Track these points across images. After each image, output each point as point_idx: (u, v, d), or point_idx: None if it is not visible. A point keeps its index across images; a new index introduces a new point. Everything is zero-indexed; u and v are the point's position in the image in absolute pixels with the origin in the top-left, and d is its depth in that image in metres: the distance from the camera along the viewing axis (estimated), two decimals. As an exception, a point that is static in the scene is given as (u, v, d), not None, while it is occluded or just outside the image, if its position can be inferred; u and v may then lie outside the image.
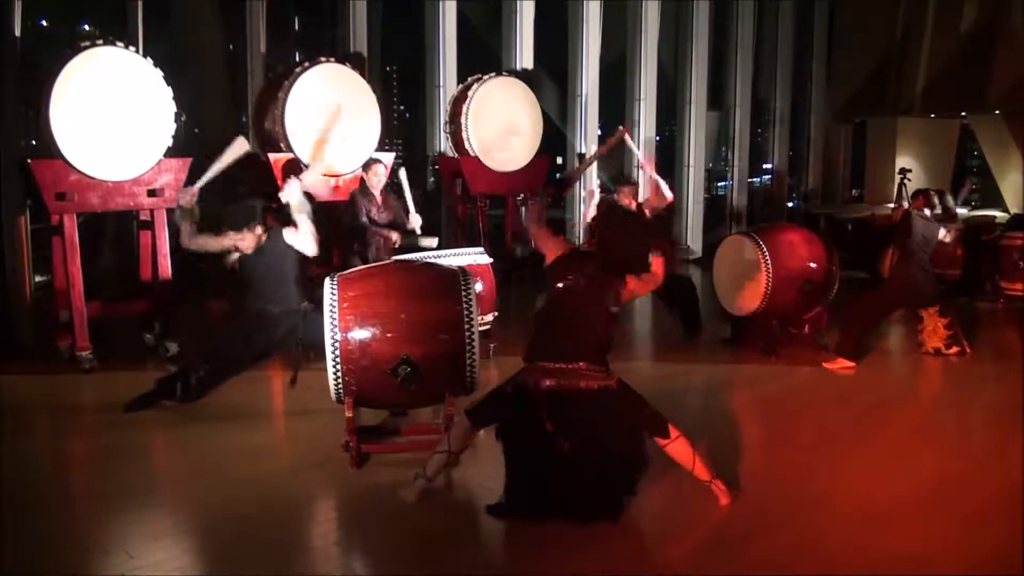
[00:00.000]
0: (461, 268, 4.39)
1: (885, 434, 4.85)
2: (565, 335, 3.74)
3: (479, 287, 5.46)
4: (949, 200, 6.60)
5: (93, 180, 5.97)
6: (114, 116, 5.95)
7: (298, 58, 8.91)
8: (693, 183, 11.82)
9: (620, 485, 3.68)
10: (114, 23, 8.26)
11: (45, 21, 10.00)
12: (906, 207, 6.43)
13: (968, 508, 3.82)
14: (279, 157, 7.25)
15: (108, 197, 6.09)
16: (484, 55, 10.72)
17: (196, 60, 8.86)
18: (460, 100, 8.64)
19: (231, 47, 9.08)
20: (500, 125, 8.64)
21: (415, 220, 6.76)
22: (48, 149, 5.87)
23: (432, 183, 9.93)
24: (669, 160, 12.08)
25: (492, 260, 6.34)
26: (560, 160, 11.18)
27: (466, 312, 4.11)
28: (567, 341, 3.72)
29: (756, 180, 14.28)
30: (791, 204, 14.39)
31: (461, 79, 9.24)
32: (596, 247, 3.93)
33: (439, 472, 3.84)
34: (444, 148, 9.22)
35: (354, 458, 4.19)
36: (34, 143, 6.62)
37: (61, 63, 5.75)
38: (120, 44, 6.05)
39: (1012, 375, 6.00)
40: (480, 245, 7.24)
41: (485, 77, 8.66)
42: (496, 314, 6.27)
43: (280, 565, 3.37)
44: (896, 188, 10.29)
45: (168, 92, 6.21)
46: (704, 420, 5.06)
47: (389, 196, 6.95)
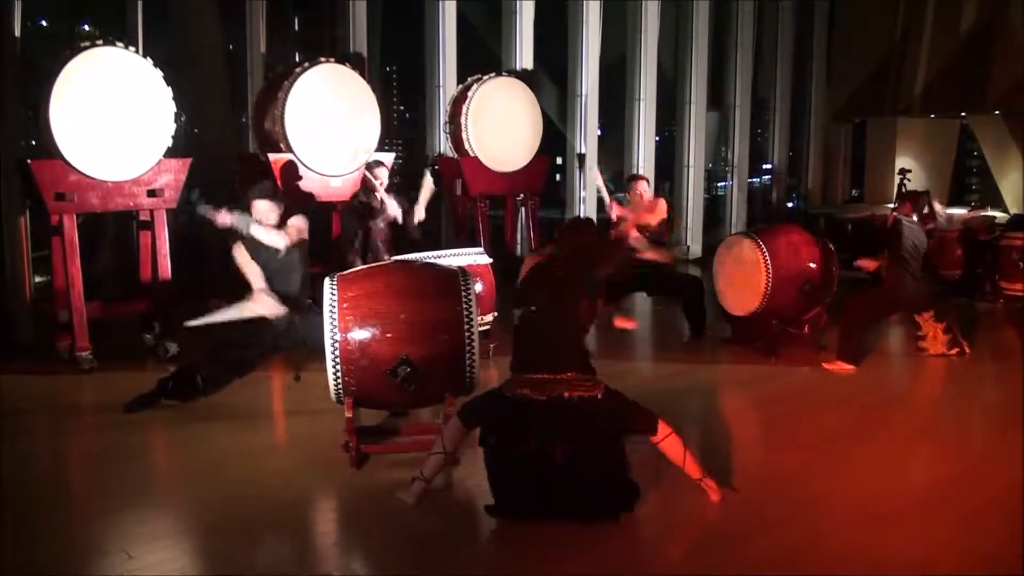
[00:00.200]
0: (461, 268, 4.39)
1: (885, 434, 4.85)
2: (549, 347, 3.73)
3: (479, 287, 5.45)
4: (935, 204, 6.54)
5: (93, 180, 5.97)
6: (114, 116, 5.96)
7: (298, 58, 8.90)
8: (693, 183, 11.83)
9: (615, 494, 3.67)
10: (114, 23, 8.26)
11: (45, 21, 10.01)
12: (895, 214, 6.38)
13: (968, 508, 3.82)
14: (279, 157, 7.25)
15: (108, 197, 6.09)
16: (484, 55, 10.72)
17: (196, 60, 8.86)
18: (460, 100, 8.63)
19: (231, 47, 9.08)
20: (500, 125, 8.63)
21: (419, 213, 6.76)
22: (48, 149, 5.88)
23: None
24: (669, 160, 12.09)
25: (492, 260, 6.35)
26: (560, 160, 11.18)
27: (466, 312, 4.11)
28: (552, 353, 3.71)
29: (756, 180, 14.28)
30: (791, 204, 14.40)
31: (461, 79, 9.23)
32: (561, 259, 3.95)
33: (437, 473, 3.84)
34: (444, 148, 9.22)
35: (354, 458, 4.19)
36: (34, 143, 6.63)
37: (61, 63, 5.75)
38: (120, 44, 6.05)
39: (1012, 375, 5.99)
40: (480, 245, 7.25)
41: (485, 77, 8.65)
42: (496, 314, 6.27)
43: (280, 565, 3.37)
44: (896, 188, 10.31)
45: (168, 92, 6.21)
46: (704, 420, 5.07)
47: (390, 197, 6.94)
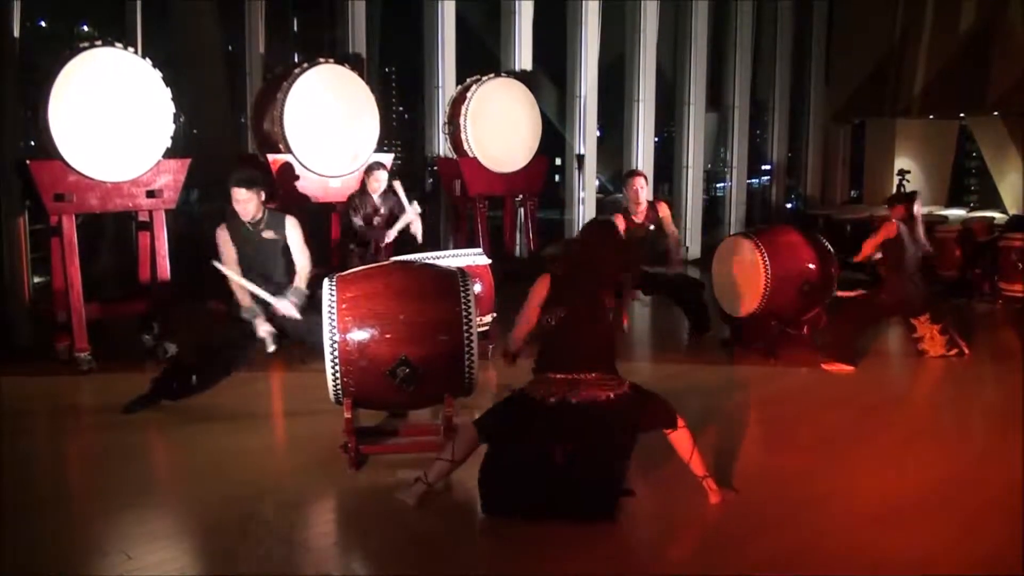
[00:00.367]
0: (460, 269, 4.38)
1: (885, 435, 4.85)
2: (578, 348, 3.76)
3: (478, 288, 5.45)
4: (916, 206, 6.49)
5: (92, 181, 5.96)
6: (113, 117, 5.95)
7: (297, 59, 8.90)
8: (692, 184, 11.83)
9: (620, 485, 3.69)
10: (113, 24, 8.26)
11: (44, 22, 10.00)
12: (893, 220, 6.33)
13: (968, 508, 3.82)
14: (277, 158, 7.25)
15: (107, 198, 6.08)
16: (483, 56, 10.72)
17: (195, 61, 8.86)
18: (459, 101, 8.63)
19: (230, 48, 9.08)
20: (499, 126, 8.63)
21: (412, 211, 6.77)
22: (47, 150, 5.87)
23: (431, 184, 9.93)
24: (668, 161, 12.09)
25: (491, 261, 6.35)
26: (559, 161, 11.19)
27: (465, 313, 4.10)
28: (580, 354, 3.75)
29: (755, 181, 14.28)
30: (790, 205, 14.40)
31: (460, 80, 9.23)
32: (581, 265, 3.97)
33: (441, 478, 3.84)
34: (443, 149, 9.22)
35: (353, 459, 4.19)
36: (33, 144, 6.62)
37: (60, 64, 5.74)
38: (119, 45, 6.04)
39: (1011, 376, 6.00)
40: (479, 246, 7.25)
41: (484, 78, 8.65)
42: (495, 315, 6.26)
43: (279, 565, 3.37)
44: (895, 189, 10.30)
45: (167, 93, 6.20)
46: (704, 421, 5.05)
47: (388, 198, 6.95)
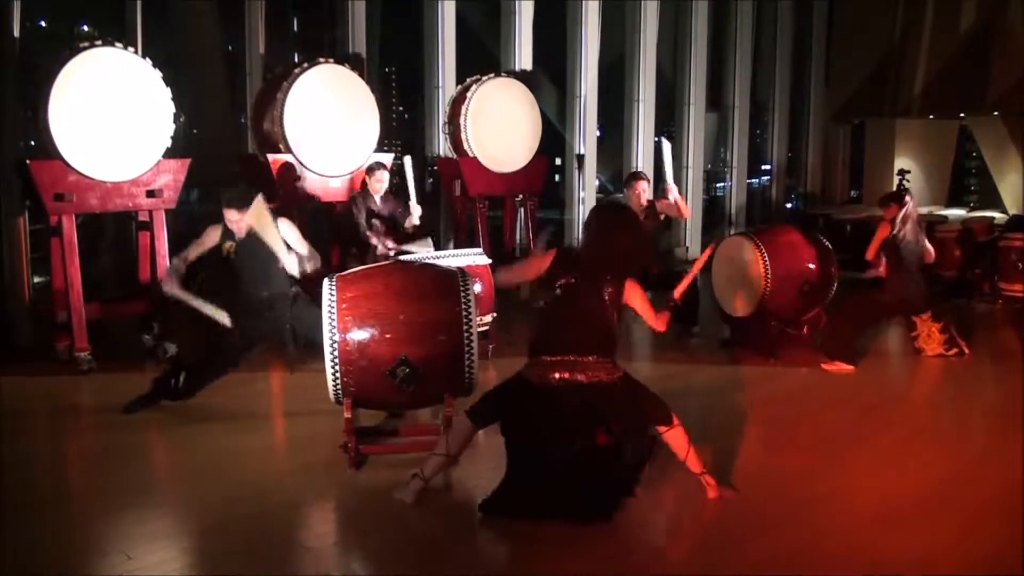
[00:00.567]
0: (460, 269, 4.39)
1: (885, 435, 4.85)
2: (573, 329, 3.72)
3: (478, 288, 5.45)
4: (909, 204, 6.47)
5: (92, 181, 5.97)
6: (113, 117, 5.95)
7: (297, 59, 8.90)
8: (692, 184, 11.82)
9: (617, 485, 3.69)
10: (113, 24, 8.25)
11: (44, 22, 10.01)
12: (887, 221, 6.31)
13: (968, 508, 3.82)
14: (278, 158, 7.25)
15: (107, 198, 6.08)
16: (483, 56, 10.72)
17: (195, 61, 8.86)
18: (459, 101, 8.63)
19: (230, 48, 9.08)
20: (499, 126, 8.63)
21: (415, 211, 6.74)
22: (47, 150, 5.87)
23: (431, 184, 9.92)
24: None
25: (491, 261, 6.35)
26: (559, 161, 11.18)
27: (465, 313, 4.10)
28: (576, 335, 3.71)
29: (755, 181, 14.29)
30: (790, 205, 14.40)
31: (460, 80, 9.22)
32: (590, 246, 3.92)
33: (436, 473, 3.84)
34: (443, 149, 9.22)
35: (352, 459, 4.19)
36: (33, 144, 6.62)
37: (60, 64, 5.75)
38: (119, 45, 6.04)
39: (1011, 376, 6.00)
40: (479, 246, 7.25)
41: (484, 78, 8.65)
42: (495, 315, 6.27)
43: (279, 565, 3.36)
44: (895, 189, 10.31)
45: (167, 93, 6.20)
46: (704, 421, 5.06)
47: (389, 198, 6.95)
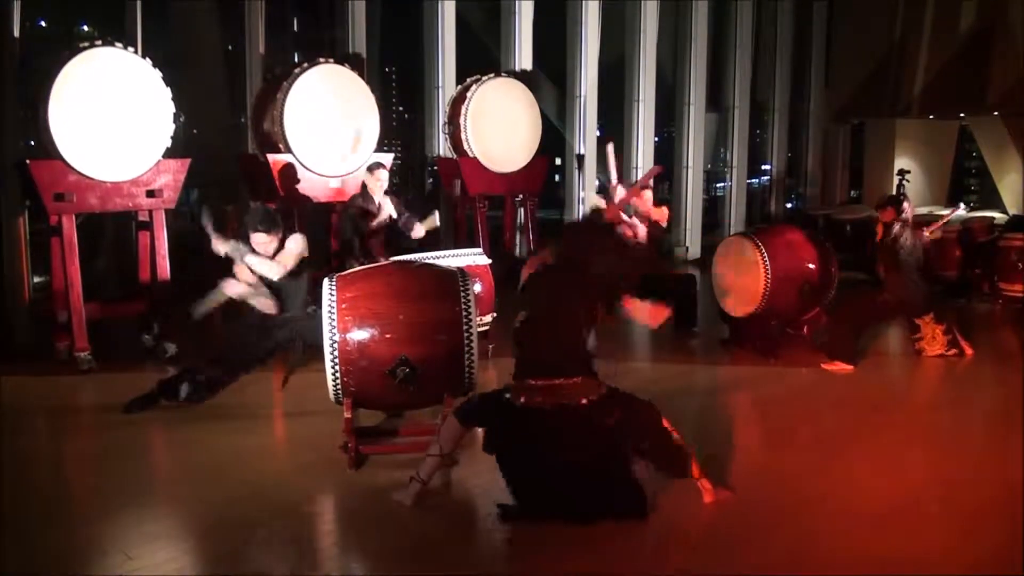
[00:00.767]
0: (460, 269, 4.39)
1: (885, 435, 4.84)
2: (554, 350, 3.68)
3: (478, 288, 5.45)
4: (906, 208, 6.47)
5: (92, 181, 5.97)
6: (113, 117, 5.95)
7: (297, 59, 8.91)
8: (692, 184, 11.83)
9: (622, 496, 3.67)
10: (113, 24, 8.26)
11: (44, 22, 10.03)
12: (896, 227, 6.30)
13: (968, 509, 3.82)
14: (278, 158, 7.25)
15: (107, 198, 6.08)
16: (483, 56, 10.73)
17: (195, 61, 8.87)
18: (459, 101, 8.64)
19: (230, 48, 9.09)
20: (499, 126, 8.64)
21: (418, 229, 6.69)
22: (47, 150, 5.87)
23: (431, 184, 9.93)
24: (668, 161, 12.09)
25: (491, 261, 6.34)
26: (559, 161, 11.19)
27: (465, 313, 4.10)
28: (556, 356, 3.67)
29: (755, 181, 14.30)
30: (790, 205, 14.41)
31: (460, 80, 9.24)
32: (561, 262, 3.90)
33: (433, 474, 3.83)
34: (443, 149, 9.22)
35: (352, 459, 4.18)
36: (33, 144, 6.62)
37: (60, 64, 5.75)
38: (119, 45, 6.05)
39: (1011, 376, 5.99)
40: (479, 246, 7.24)
41: (484, 78, 8.66)
42: (495, 315, 6.26)
43: (279, 566, 3.37)
44: (895, 189, 10.32)
45: (167, 93, 6.21)
46: (703, 421, 5.06)
47: (389, 199, 6.93)
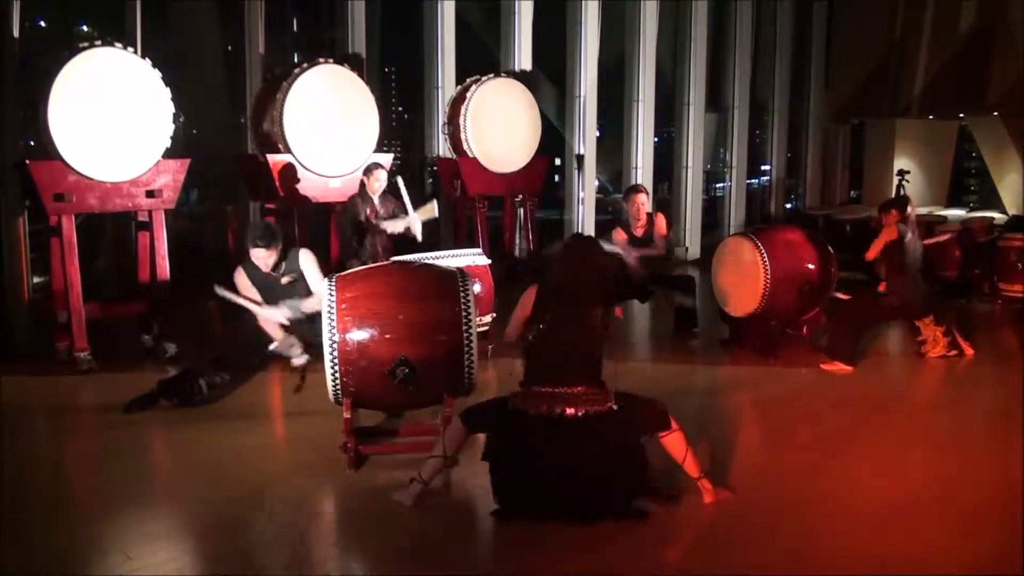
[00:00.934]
0: (459, 269, 4.38)
1: (885, 435, 4.85)
2: (561, 361, 3.71)
3: (477, 288, 5.45)
4: (909, 210, 6.46)
5: (91, 181, 5.96)
6: (112, 117, 5.95)
7: (296, 59, 8.91)
8: (691, 184, 11.84)
9: (621, 503, 3.67)
10: (113, 24, 8.26)
11: (43, 22, 10.02)
12: (896, 227, 6.28)
13: (968, 508, 3.82)
14: (277, 158, 7.25)
15: (106, 198, 6.08)
16: (482, 56, 10.74)
17: (194, 61, 8.88)
18: (458, 101, 8.64)
19: (229, 48, 9.10)
20: (498, 126, 8.64)
21: (416, 225, 6.71)
22: (46, 150, 5.87)
23: (430, 184, 9.93)
24: (667, 162, 12.11)
25: (490, 261, 6.34)
26: (558, 161, 11.19)
27: (464, 313, 4.10)
28: (563, 366, 3.70)
29: (754, 181, 14.30)
30: (789, 205, 14.41)
31: (460, 80, 9.24)
32: (562, 280, 3.89)
33: (435, 475, 3.83)
34: (442, 149, 9.22)
35: (352, 459, 4.18)
36: (32, 144, 6.62)
37: (59, 64, 5.74)
38: (118, 45, 6.04)
39: (1011, 376, 5.99)
40: (478, 246, 7.25)
41: (484, 78, 8.66)
42: (494, 315, 6.26)
43: (278, 566, 3.37)
44: (895, 190, 10.31)
45: (166, 93, 6.20)
46: (703, 421, 5.06)
47: (388, 200, 6.94)
